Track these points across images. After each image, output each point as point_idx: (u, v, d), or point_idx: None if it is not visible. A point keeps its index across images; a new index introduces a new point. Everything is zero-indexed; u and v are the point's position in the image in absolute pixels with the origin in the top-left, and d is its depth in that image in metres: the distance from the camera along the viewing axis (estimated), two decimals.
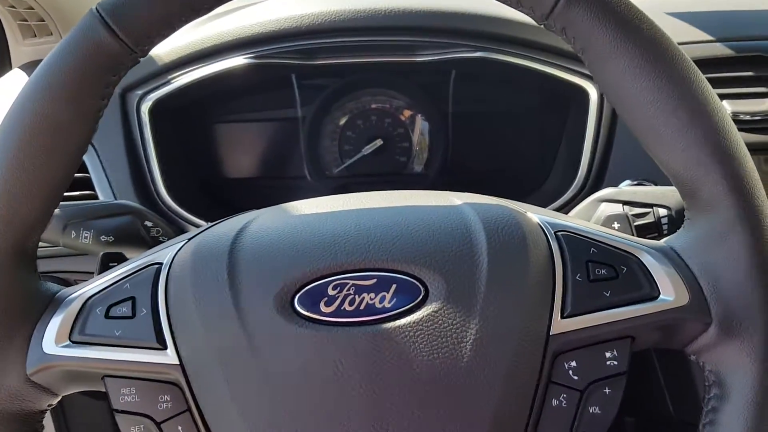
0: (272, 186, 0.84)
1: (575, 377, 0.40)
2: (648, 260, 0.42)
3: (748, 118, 0.69)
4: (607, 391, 0.40)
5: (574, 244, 0.42)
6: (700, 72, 0.41)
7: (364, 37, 0.69)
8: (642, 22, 0.40)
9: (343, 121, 0.82)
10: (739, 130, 0.67)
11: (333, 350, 0.39)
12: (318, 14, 0.70)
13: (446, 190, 0.49)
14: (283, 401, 0.38)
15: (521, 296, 0.40)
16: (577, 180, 0.71)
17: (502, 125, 0.83)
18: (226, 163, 0.84)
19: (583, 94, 0.71)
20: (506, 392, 0.39)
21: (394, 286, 0.40)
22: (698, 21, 0.74)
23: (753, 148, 0.70)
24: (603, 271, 0.41)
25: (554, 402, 0.40)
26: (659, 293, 0.41)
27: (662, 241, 0.43)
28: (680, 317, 0.40)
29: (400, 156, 0.83)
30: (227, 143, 0.83)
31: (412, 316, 0.39)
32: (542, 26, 0.42)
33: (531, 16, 0.42)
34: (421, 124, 0.82)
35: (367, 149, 0.81)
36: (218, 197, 0.83)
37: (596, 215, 0.53)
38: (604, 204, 0.53)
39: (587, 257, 0.41)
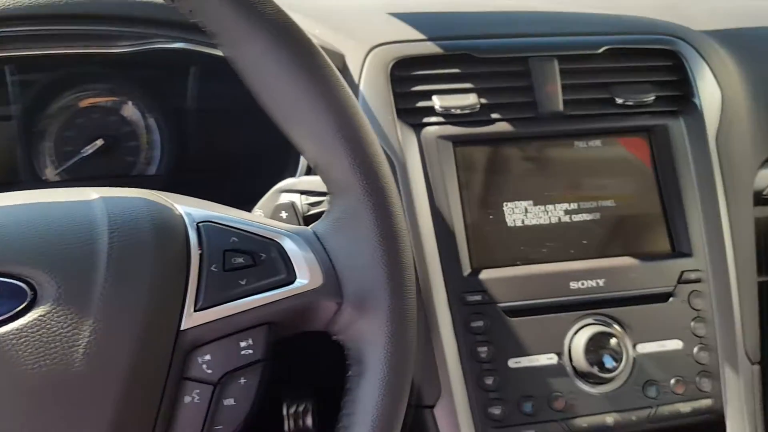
0: None
1: (209, 371, 0.39)
2: (289, 245, 0.42)
3: (458, 112, 0.74)
4: (242, 381, 0.39)
5: (215, 234, 0.41)
6: (327, 59, 0.42)
7: (54, 26, 0.64)
8: (268, 8, 0.40)
9: (61, 120, 0.76)
10: (451, 123, 0.73)
11: None
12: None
13: (181, 190, 0.46)
14: None
15: (146, 293, 0.38)
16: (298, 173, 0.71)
17: (242, 121, 0.82)
18: None
19: None
20: (127, 394, 0.37)
21: None
22: (413, 21, 0.78)
23: (465, 140, 0.75)
24: (240, 260, 0.40)
25: (186, 399, 0.38)
26: (296, 277, 0.41)
27: (310, 227, 0.44)
28: (315, 299, 0.41)
29: (128, 156, 0.78)
30: None
31: (14, 323, 0.36)
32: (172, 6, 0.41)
33: None
34: (149, 122, 0.78)
35: (87, 150, 0.76)
36: None
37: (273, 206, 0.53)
38: (283, 194, 0.53)
39: (226, 246, 0.41)
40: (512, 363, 0.67)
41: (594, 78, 0.77)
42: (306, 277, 0.41)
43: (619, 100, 0.76)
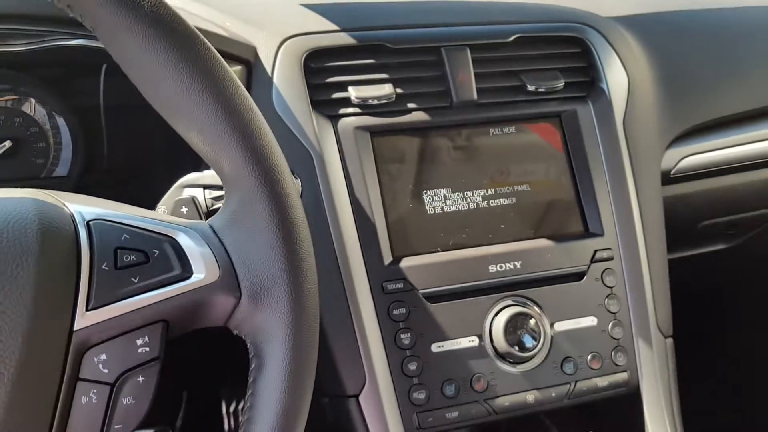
0: None
1: (105, 370, 0.38)
2: (183, 240, 0.41)
3: (375, 102, 0.74)
4: (140, 379, 0.39)
5: (106, 231, 0.40)
6: (211, 48, 0.41)
7: None
8: (147, 1, 0.39)
9: None
10: (368, 114, 0.74)
11: None
12: None
13: (93, 191, 0.45)
14: None
15: (33, 294, 0.37)
16: None
17: (157, 119, 0.80)
18: None
19: None
20: (16, 398, 0.35)
21: None
22: (326, 12, 0.78)
23: (382, 130, 0.75)
24: (132, 257, 0.40)
25: (84, 399, 0.37)
26: (191, 273, 0.40)
27: (206, 221, 0.43)
28: (211, 294, 0.40)
29: (36, 158, 0.75)
30: None
31: None
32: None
33: None
34: (58, 121, 0.75)
35: None
36: None
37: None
38: (186, 189, 0.52)
39: (117, 244, 0.40)
40: (435, 348, 0.69)
41: (506, 66, 0.78)
42: (202, 271, 0.40)
43: (531, 87, 0.78)
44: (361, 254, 0.69)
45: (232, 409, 1.22)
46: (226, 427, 1.21)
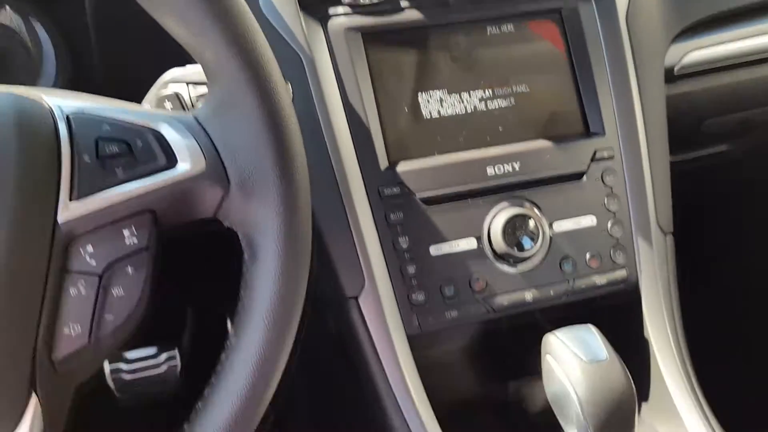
0: None
1: (92, 262, 0.38)
2: (167, 131, 0.40)
3: (366, 2, 0.71)
4: (129, 270, 0.39)
5: (86, 123, 0.39)
6: None
7: None
8: None
9: None
10: (359, 14, 0.71)
11: None
12: None
13: None
14: None
15: (13, 187, 0.36)
16: None
17: (145, 33, 0.78)
18: None
19: None
20: (2, 291, 0.36)
21: None
22: None
23: (375, 30, 0.72)
24: (114, 148, 0.39)
25: (72, 291, 0.38)
26: (176, 163, 0.40)
27: (190, 112, 0.42)
28: (198, 185, 0.40)
29: (20, 75, 0.74)
30: None
31: None
32: None
33: None
34: (40, 35, 0.73)
35: None
36: None
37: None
38: (171, 84, 0.51)
39: (98, 135, 0.39)
40: (433, 250, 0.69)
41: None
42: (187, 162, 0.40)
43: None
44: (356, 160, 0.68)
45: None
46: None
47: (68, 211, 0.37)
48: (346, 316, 0.67)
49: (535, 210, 0.71)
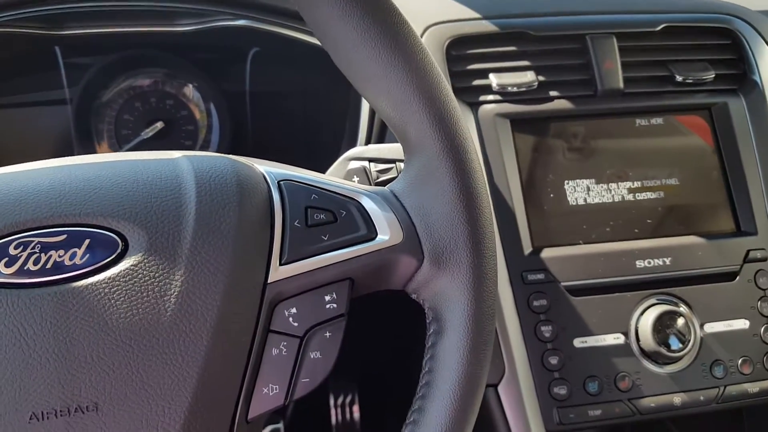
0: None
1: (295, 324, 0.39)
2: (367, 203, 0.41)
3: (515, 89, 0.73)
4: (327, 334, 0.39)
5: (295, 191, 0.41)
6: (402, 15, 0.41)
7: (117, 1, 0.64)
8: None
9: (119, 104, 0.77)
10: (508, 101, 0.72)
11: (14, 316, 0.34)
12: None
13: None
14: None
15: (233, 245, 0.38)
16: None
17: (296, 104, 0.82)
18: None
19: None
20: (216, 344, 0.37)
21: (87, 241, 0.36)
22: (467, 0, 0.77)
23: (523, 118, 0.74)
24: (322, 216, 0.40)
25: (274, 351, 0.38)
26: (376, 234, 0.40)
27: (386, 187, 0.43)
28: (394, 256, 0.40)
29: (185, 140, 0.79)
30: None
31: (107, 272, 0.36)
32: None
33: None
34: (208, 105, 0.78)
35: (147, 133, 0.76)
36: None
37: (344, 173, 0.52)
38: (352, 162, 0.52)
39: (307, 203, 0.40)
40: (578, 342, 0.66)
41: (653, 56, 0.76)
42: (386, 233, 0.40)
43: (679, 78, 0.74)
44: (500, 243, 0.68)
45: (339, 401, 1.22)
46: (333, 420, 1.22)
47: (278, 273, 0.38)
48: (485, 404, 0.65)
49: (686, 308, 0.68)
